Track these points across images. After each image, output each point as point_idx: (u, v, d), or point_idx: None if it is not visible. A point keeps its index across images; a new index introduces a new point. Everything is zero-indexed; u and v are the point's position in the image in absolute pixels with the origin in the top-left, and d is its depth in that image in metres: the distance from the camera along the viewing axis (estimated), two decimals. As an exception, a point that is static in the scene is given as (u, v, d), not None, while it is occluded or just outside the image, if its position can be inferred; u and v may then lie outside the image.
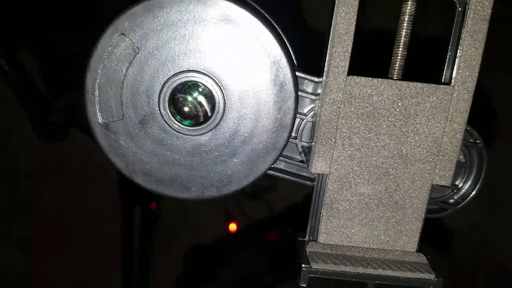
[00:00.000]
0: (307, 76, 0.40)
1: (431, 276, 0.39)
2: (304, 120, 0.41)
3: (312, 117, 0.41)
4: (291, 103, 0.38)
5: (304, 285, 0.38)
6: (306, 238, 0.42)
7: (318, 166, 0.39)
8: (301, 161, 0.43)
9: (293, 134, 0.42)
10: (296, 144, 0.42)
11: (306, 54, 0.42)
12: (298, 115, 0.41)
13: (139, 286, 1.08)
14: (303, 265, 0.38)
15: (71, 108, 0.90)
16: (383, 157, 0.39)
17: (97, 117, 0.36)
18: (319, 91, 0.40)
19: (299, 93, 0.40)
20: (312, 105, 0.41)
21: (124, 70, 0.36)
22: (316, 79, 0.40)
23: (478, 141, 0.42)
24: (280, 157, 0.43)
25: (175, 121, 0.37)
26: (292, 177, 0.43)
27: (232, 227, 1.27)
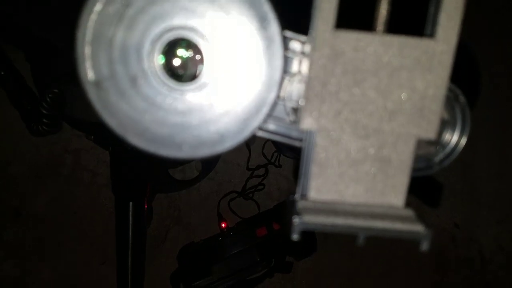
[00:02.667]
0: (293, 35, 0.41)
1: (420, 228, 0.40)
2: (291, 80, 0.42)
3: (298, 76, 0.42)
4: (278, 59, 0.38)
5: (296, 238, 0.39)
6: (296, 196, 0.43)
7: (306, 122, 0.40)
8: (289, 122, 0.44)
9: (281, 95, 0.43)
10: (284, 105, 0.43)
11: (292, 13, 0.42)
12: (285, 75, 0.42)
13: (133, 285, 1.07)
14: (295, 217, 0.39)
15: (61, 98, 0.89)
16: (370, 113, 0.40)
17: (88, 75, 0.36)
18: (306, 49, 0.40)
19: (286, 53, 0.41)
20: (299, 65, 0.42)
21: (114, 27, 0.36)
22: (302, 38, 0.41)
23: (460, 97, 0.44)
24: (270, 118, 0.43)
25: (164, 78, 0.37)
26: (281, 138, 0.44)
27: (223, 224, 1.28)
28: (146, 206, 1.08)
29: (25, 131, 0.89)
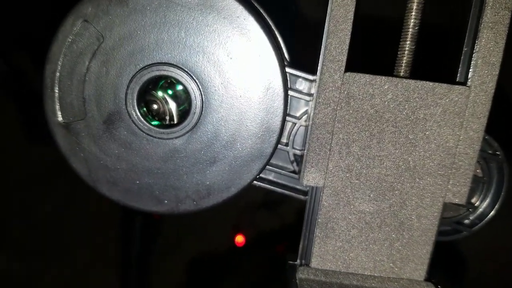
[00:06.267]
0: (300, 74, 0.35)
1: None
2: (297, 124, 0.36)
3: (305, 120, 0.36)
4: (279, 103, 0.33)
5: (292, 317, 0.33)
6: (297, 262, 0.37)
7: (311, 177, 0.34)
8: (293, 172, 0.38)
9: (284, 140, 0.37)
10: (288, 152, 0.37)
11: (301, 50, 0.37)
12: (289, 118, 0.36)
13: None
14: (291, 294, 0.32)
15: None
16: (387, 169, 0.33)
17: (57, 116, 0.32)
18: (314, 90, 0.34)
19: (291, 92, 0.35)
20: (307, 108, 0.36)
21: (87, 62, 0.31)
22: (311, 77, 0.35)
23: (498, 153, 0.36)
24: (269, 167, 0.37)
25: (144, 121, 0.32)
26: (283, 190, 0.38)
27: (239, 239, 1.21)
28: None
29: (30, 133, 0.87)
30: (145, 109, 0.32)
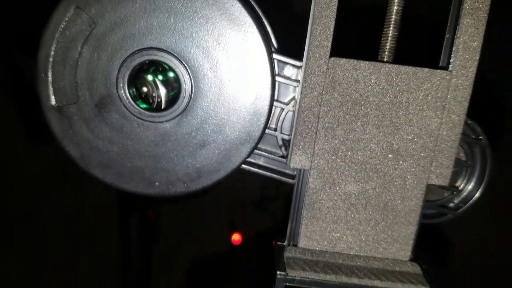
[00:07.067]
0: (288, 60, 0.36)
1: None
2: (285, 110, 0.37)
3: (293, 106, 0.37)
4: (267, 87, 0.34)
5: (279, 294, 0.34)
6: (285, 243, 0.38)
7: (297, 160, 0.35)
8: (282, 156, 0.39)
9: (273, 126, 0.38)
10: (276, 137, 0.38)
11: (289, 37, 0.37)
12: (278, 104, 0.37)
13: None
14: (278, 272, 0.34)
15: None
16: (371, 152, 0.34)
17: (50, 100, 0.32)
18: (300, 76, 0.35)
19: (279, 79, 0.36)
20: (295, 94, 0.37)
21: (79, 48, 0.32)
22: (298, 63, 0.36)
23: (480, 137, 0.38)
24: (259, 151, 0.38)
25: (135, 105, 0.33)
26: (272, 174, 0.39)
27: (236, 237, 1.22)
28: (152, 215, 1.04)
29: (31, 134, 0.87)
30: (135, 93, 0.33)
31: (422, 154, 0.34)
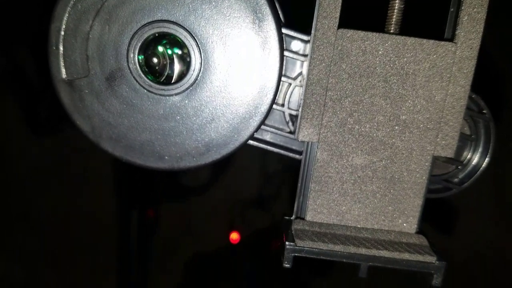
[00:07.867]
0: (296, 34, 0.36)
1: (432, 259, 0.35)
2: (292, 85, 0.38)
3: (300, 81, 0.37)
4: (275, 61, 0.34)
5: (288, 265, 0.34)
6: (293, 217, 0.38)
7: (305, 133, 0.35)
8: (289, 132, 0.39)
9: (280, 101, 0.38)
10: (284, 112, 0.39)
11: (296, 12, 0.38)
12: (285, 79, 0.37)
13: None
14: (287, 243, 0.34)
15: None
16: (378, 124, 0.35)
17: (61, 73, 0.33)
18: (308, 48, 0.36)
19: (287, 53, 0.36)
20: (302, 69, 0.38)
21: (91, 21, 0.32)
22: (306, 37, 0.36)
23: (484, 111, 0.38)
24: (266, 127, 0.39)
25: (145, 78, 0.33)
26: (279, 150, 0.39)
27: (234, 236, 1.23)
28: (152, 214, 1.04)
29: (30, 132, 0.88)
30: (145, 65, 0.34)
31: (428, 126, 0.34)
